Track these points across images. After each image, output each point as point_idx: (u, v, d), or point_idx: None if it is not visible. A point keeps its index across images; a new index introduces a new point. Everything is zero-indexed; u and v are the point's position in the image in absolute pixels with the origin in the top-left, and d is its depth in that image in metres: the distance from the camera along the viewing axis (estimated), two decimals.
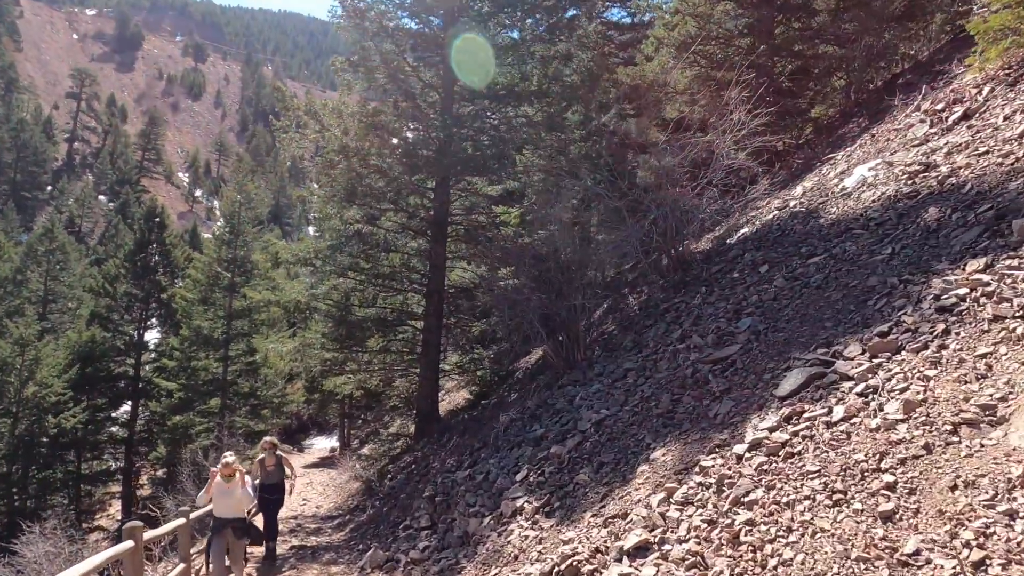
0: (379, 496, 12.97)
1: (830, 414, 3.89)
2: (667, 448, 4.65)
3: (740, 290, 6.99)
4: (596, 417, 6.27)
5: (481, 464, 8.72)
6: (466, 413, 14.45)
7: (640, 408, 5.78)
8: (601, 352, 9.21)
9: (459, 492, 8.05)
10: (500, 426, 10.14)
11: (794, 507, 3.39)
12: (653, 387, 6.02)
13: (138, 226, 30.52)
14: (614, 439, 5.59)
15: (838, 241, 6.45)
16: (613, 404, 6.42)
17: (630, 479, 4.60)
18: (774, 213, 9.70)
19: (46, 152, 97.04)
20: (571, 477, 5.41)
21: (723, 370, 5.37)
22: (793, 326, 5.19)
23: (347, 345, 15.04)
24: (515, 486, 6.23)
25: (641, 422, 5.52)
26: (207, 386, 25.15)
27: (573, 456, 5.84)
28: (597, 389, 7.45)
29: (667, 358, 6.55)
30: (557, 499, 5.12)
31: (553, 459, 6.14)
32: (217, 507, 6.95)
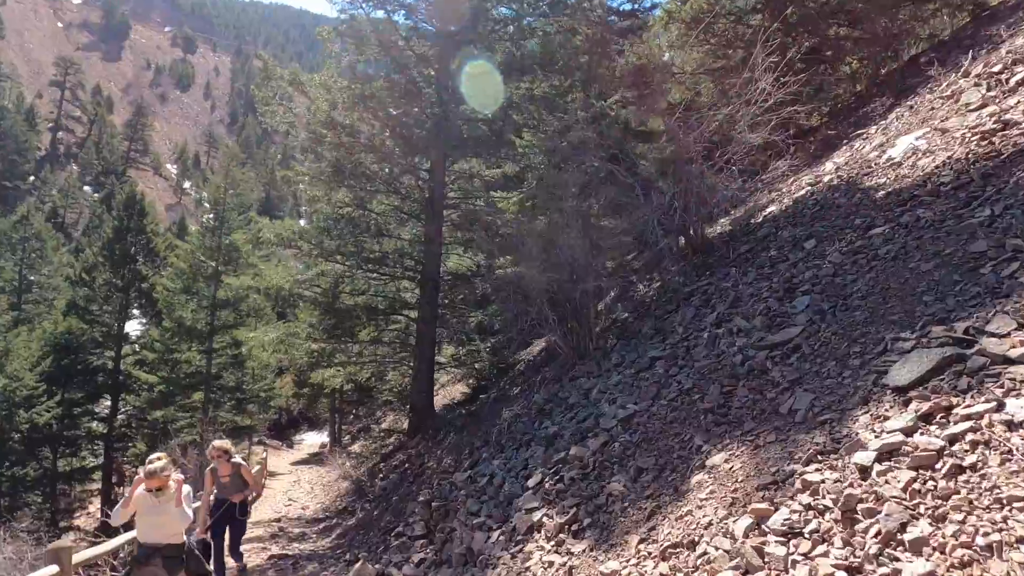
0: (369, 497, 12.02)
1: (1001, 410, 2.86)
2: (729, 452, 3.75)
3: (785, 268, 6.09)
4: (623, 413, 5.35)
5: (483, 465, 7.80)
6: (463, 408, 13.51)
7: (680, 402, 4.87)
8: (617, 341, 8.29)
9: (459, 497, 7.12)
10: (503, 422, 9.22)
11: (1002, 553, 2.42)
12: (693, 377, 5.11)
13: (117, 213, 29.24)
14: (651, 439, 4.68)
15: (903, 210, 5.56)
16: (642, 397, 5.51)
17: (684, 492, 3.70)
18: (805, 189, 8.83)
19: (28, 141, 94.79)
20: (601, 486, 4.50)
21: (784, 356, 4.48)
22: (873, 303, 4.30)
23: (336, 335, 14.04)
24: (528, 494, 5.30)
25: (684, 419, 4.61)
26: (190, 379, 24.04)
27: (599, 459, 4.92)
28: (618, 381, 6.53)
29: (704, 344, 5.64)
30: (586, 514, 4.20)
31: (573, 462, 5.22)
32: (141, 530, 4.75)
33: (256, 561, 9.18)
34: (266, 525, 12.65)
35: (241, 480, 6.89)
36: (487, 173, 16.08)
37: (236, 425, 25.29)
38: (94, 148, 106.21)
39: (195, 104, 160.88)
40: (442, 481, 8.86)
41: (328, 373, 16.26)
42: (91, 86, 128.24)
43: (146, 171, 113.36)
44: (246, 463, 7.17)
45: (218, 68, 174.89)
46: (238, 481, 6.85)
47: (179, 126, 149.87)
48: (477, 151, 14.31)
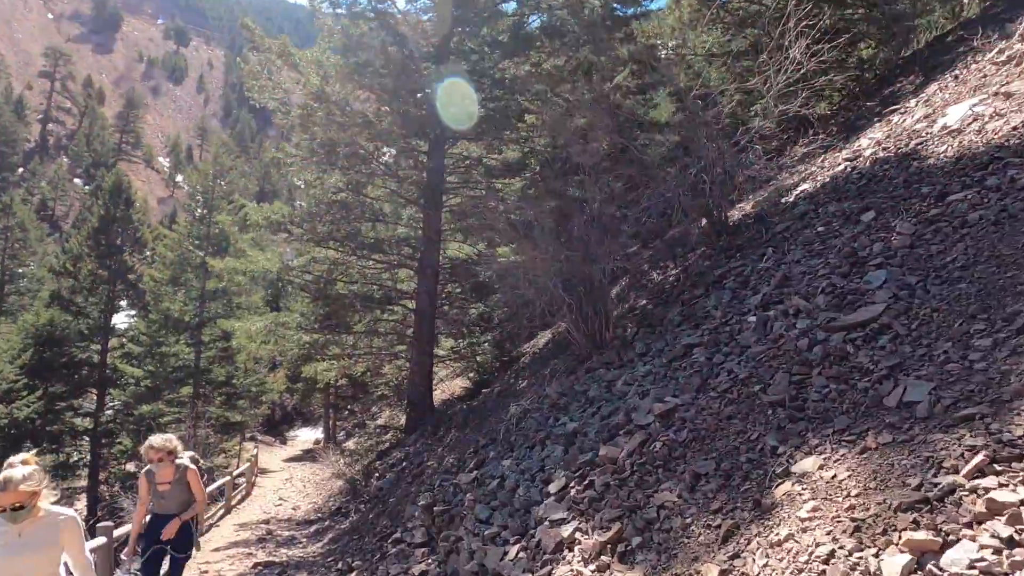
0: (364, 498, 11.24)
1: None
2: (821, 456, 2.99)
3: (841, 243, 5.33)
4: (661, 407, 4.58)
5: (491, 466, 7.02)
6: (464, 403, 12.73)
7: (736, 394, 4.11)
8: (638, 329, 7.53)
9: (465, 502, 6.35)
10: (510, 419, 8.44)
11: None
12: (747, 366, 4.34)
13: (103, 201, 28.24)
14: (703, 438, 3.91)
15: (984, 174, 4.81)
16: (683, 389, 4.74)
17: (770, 507, 2.93)
18: (843, 165, 8.10)
19: (17, 132, 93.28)
20: (646, 495, 3.73)
21: (869, 338, 3.73)
22: (982, 272, 3.56)
23: (329, 326, 13.22)
24: (551, 502, 4.52)
25: (745, 414, 3.85)
26: (177, 373, 23.16)
27: (638, 462, 4.15)
28: (647, 371, 5.77)
29: (753, 328, 4.87)
30: (634, 531, 3.43)
31: (604, 465, 4.44)
32: None
33: (240, 569, 8.39)
34: (253, 527, 11.85)
35: (186, 490, 4.86)
36: (488, 158, 15.28)
37: (227, 421, 24.46)
38: (84, 140, 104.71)
39: (188, 97, 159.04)
40: (444, 482, 8.08)
41: (321, 366, 15.46)
42: (82, 78, 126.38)
43: (138, 164, 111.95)
44: (198, 466, 5.07)
45: (211, 61, 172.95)
46: (182, 491, 4.83)
47: (172, 119, 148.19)
48: (479, 132, 13.49)
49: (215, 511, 13.24)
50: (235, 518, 13.30)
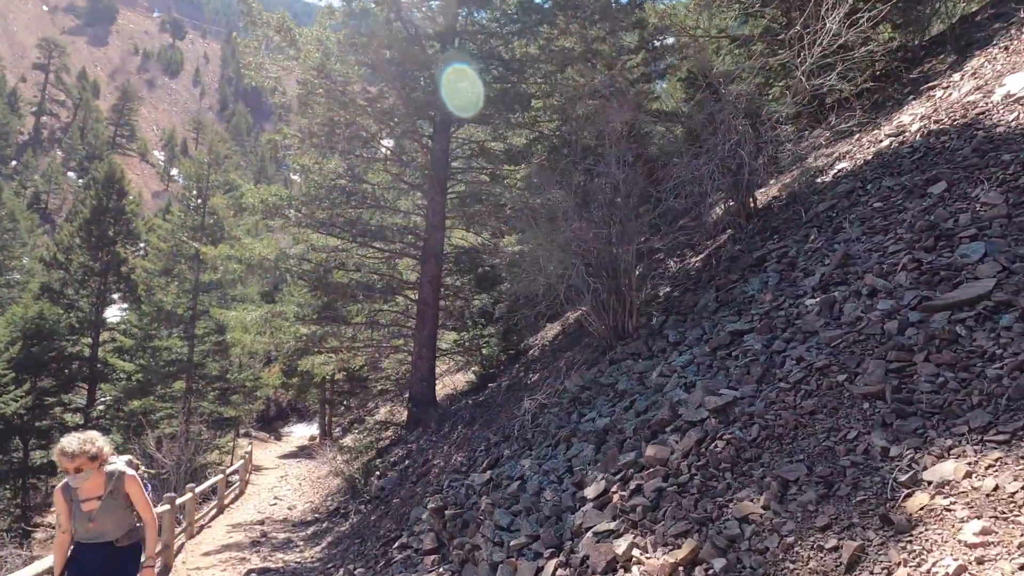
0: (365, 498, 10.62)
1: None
2: (969, 460, 2.39)
3: (911, 216, 4.74)
4: (716, 401, 3.97)
5: (507, 465, 6.41)
6: (469, 398, 12.11)
7: (815, 385, 3.52)
8: (666, 317, 6.92)
9: (481, 506, 5.73)
10: (524, 414, 7.83)
11: None
12: (822, 352, 3.75)
13: (95, 192, 27.48)
14: (779, 437, 3.32)
15: None
16: (739, 381, 4.15)
17: (906, 523, 2.33)
18: (887, 141, 7.51)
19: (10, 125, 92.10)
20: (718, 504, 3.13)
21: (983, 318, 3.14)
22: None
23: (327, 317, 12.57)
24: (589, 509, 3.92)
25: (832, 407, 3.26)
26: (170, 367, 22.45)
27: (698, 464, 3.55)
28: (687, 361, 5.16)
29: (817, 312, 4.27)
30: (714, 550, 2.82)
31: (653, 467, 3.84)
32: None
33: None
34: (247, 528, 11.22)
35: (125, 507, 3.57)
36: (493, 145, 14.65)
37: (220, 416, 23.78)
38: (79, 133, 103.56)
39: (184, 91, 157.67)
40: (454, 483, 7.46)
41: (319, 360, 14.82)
42: (76, 71, 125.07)
43: (133, 157, 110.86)
44: (137, 471, 3.77)
45: (207, 55, 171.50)
46: (118, 509, 3.54)
47: (167, 113, 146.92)
48: (485, 115, 12.84)
49: (207, 511, 12.61)
50: (228, 518, 12.67)
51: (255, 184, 14.33)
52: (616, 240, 7.13)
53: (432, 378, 13.06)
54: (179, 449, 16.03)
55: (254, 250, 10.88)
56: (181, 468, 15.74)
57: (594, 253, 6.96)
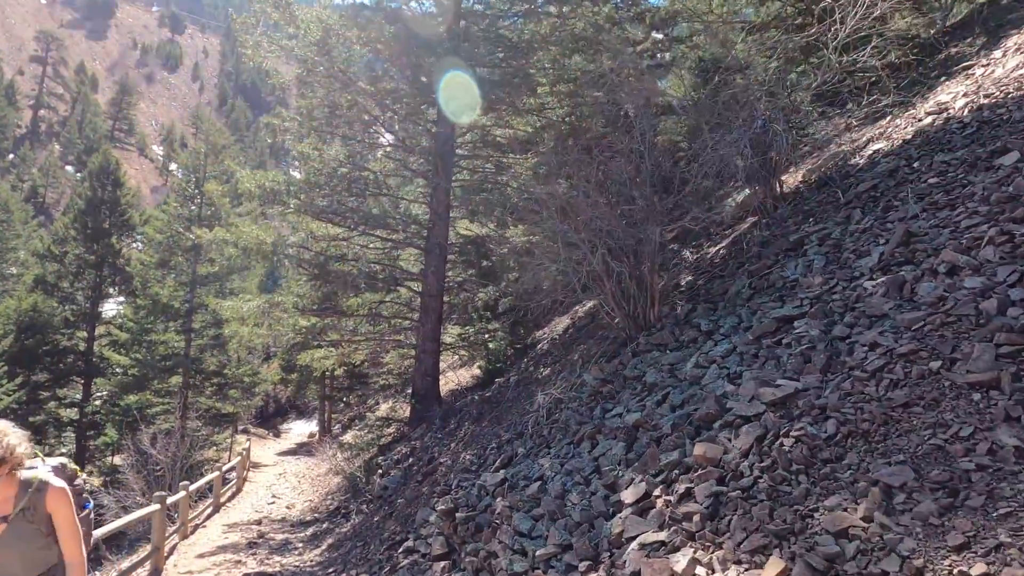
0: (367, 497, 10.14)
1: None
2: None
3: (981, 189, 4.26)
4: (774, 393, 3.50)
5: (523, 464, 5.94)
6: (475, 394, 11.63)
7: (902, 373, 3.05)
8: (693, 306, 6.45)
9: (496, 509, 5.26)
10: (538, 410, 7.36)
11: None
12: (903, 337, 3.29)
13: (90, 183, 26.94)
14: (865, 434, 2.85)
15: None
16: (798, 370, 3.68)
17: None
18: (928, 119, 7.04)
19: (7, 117, 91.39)
20: (799, 514, 2.66)
21: None
22: None
23: (327, 309, 12.07)
24: (629, 515, 3.44)
25: (932, 400, 2.79)
26: (166, 361, 21.97)
27: (761, 465, 3.07)
28: (727, 351, 4.69)
29: (884, 293, 3.80)
30: (810, 570, 2.34)
31: (704, 467, 3.36)
32: None
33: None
34: (244, 528, 10.75)
35: (40, 534, 2.47)
36: (499, 133, 14.16)
37: (217, 412, 23.32)
38: (76, 127, 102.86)
39: (183, 86, 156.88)
40: (464, 483, 6.99)
41: (318, 354, 14.33)
42: (74, 64, 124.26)
43: (131, 151, 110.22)
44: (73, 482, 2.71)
45: (207, 50, 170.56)
46: (29, 536, 2.44)
47: (166, 107, 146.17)
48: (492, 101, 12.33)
49: (202, 509, 12.15)
50: (224, 517, 12.20)
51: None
52: (640, 222, 6.64)
53: (436, 373, 12.58)
54: (175, 445, 15.56)
55: (251, 234, 10.38)
56: (177, 465, 15.28)
57: (617, 236, 6.47)
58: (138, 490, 13.98)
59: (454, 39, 11.72)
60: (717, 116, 8.29)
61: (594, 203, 6.89)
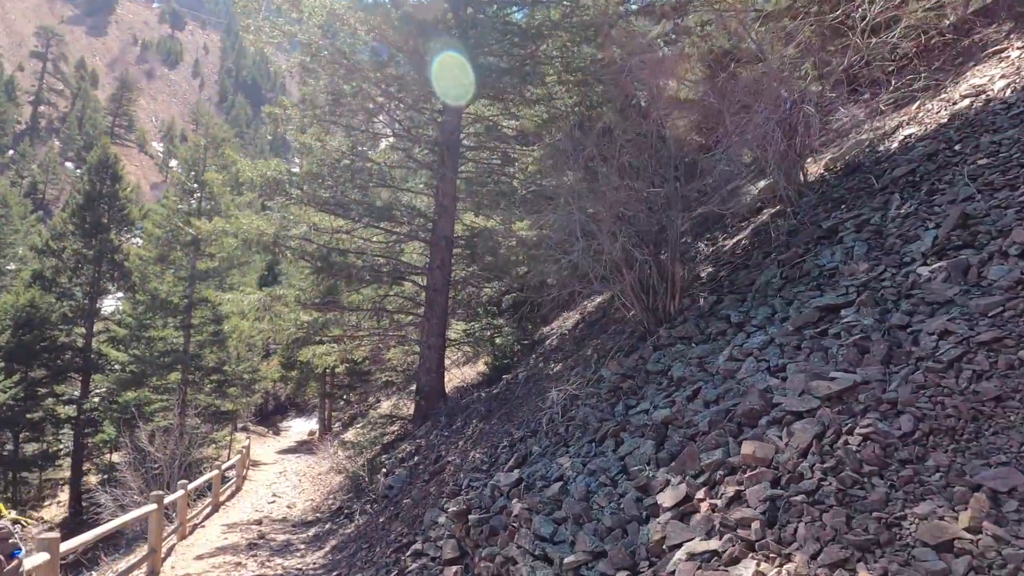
0: (371, 497, 9.82)
1: None
2: None
3: None
4: (828, 386, 3.19)
5: (540, 464, 5.62)
6: (482, 391, 11.31)
7: (988, 365, 2.74)
8: (719, 297, 6.13)
9: (513, 511, 4.93)
10: (553, 406, 7.04)
11: None
12: (978, 325, 2.98)
13: (88, 177, 26.59)
14: (947, 429, 2.54)
15: None
16: (850, 362, 3.36)
17: None
18: (965, 102, 6.73)
19: (7, 113, 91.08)
20: (884, 523, 2.34)
21: None
22: None
23: (330, 303, 11.74)
24: (669, 520, 3.13)
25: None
26: (165, 358, 21.64)
27: (824, 466, 2.75)
28: (766, 342, 4.37)
29: (944, 279, 3.48)
30: None
31: (754, 468, 3.04)
32: None
33: None
34: (244, 528, 10.43)
35: None
36: (506, 124, 13.82)
37: (217, 409, 23.01)
38: (76, 123, 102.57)
39: (183, 82, 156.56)
40: (475, 483, 6.67)
41: (320, 350, 13.99)
42: (75, 60, 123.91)
43: (131, 147, 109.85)
44: None
45: (207, 46, 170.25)
46: None
47: (166, 104, 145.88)
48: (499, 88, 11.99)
49: (201, 509, 11.83)
50: (223, 516, 11.88)
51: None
52: (663, 207, 6.32)
53: (441, 369, 12.26)
54: (173, 443, 15.24)
55: (252, 224, 10.05)
56: (175, 463, 14.96)
57: (640, 222, 6.14)
58: (136, 488, 13.67)
59: (461, 25, 11.40)
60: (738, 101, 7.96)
61: (616, 187, 6.55)
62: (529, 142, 13.61)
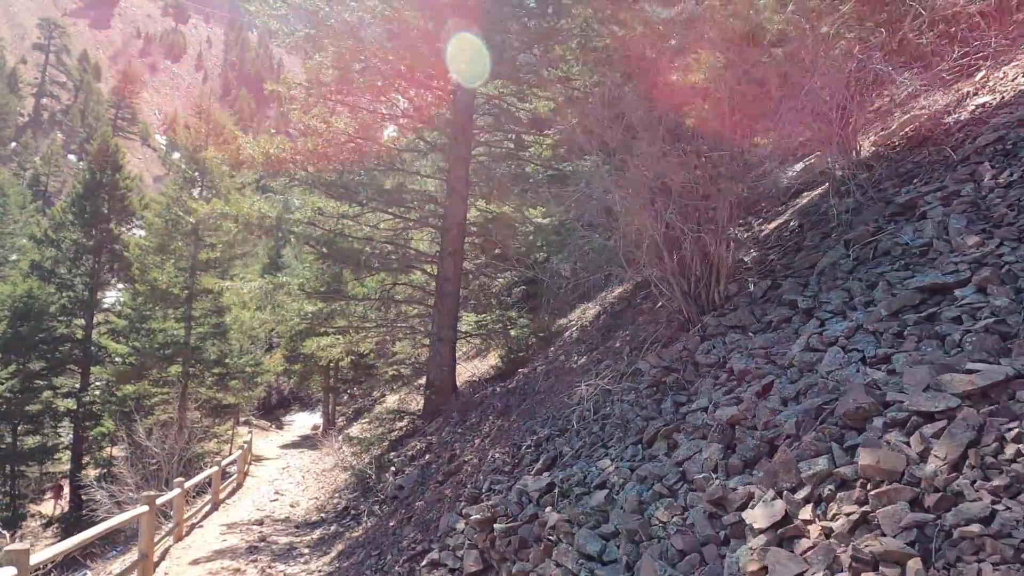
0: (379, 498, 9.21)
1: None
2: None
3: None
4: (970, 381, 2.56)
5: (576, 467, 4.99)
6: (496, 385, 10.69)
7: None
8: (773, 281, 5.49)
9: (549, 521, 4.32)
10: (582, 402, 6.41)
11: None
12: None
13: (88, 166, 26.02)
14: None
15: None
16: (988, 350, 2.74)
17: None
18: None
19: (10, 106, 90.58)
20: None
21: None
22: None
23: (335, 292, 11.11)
24: (763, 543, 2.52)
25: None
26: (165, 350, 21.06)
27: (997, 486, 2.13)
28: (849, 329, 3.73)
29: None
30: None
31: (881, 487, 2.42)
32: None
33: None
34: (244, 529, 9.85)
35: None
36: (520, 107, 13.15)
37: (218, 403, 22.45)
38: (79, 116, 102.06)
39: (186, 75, 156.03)
40: (496, 486, 6.05)
41: (324, 342, 13.39)
42: (77, 53, 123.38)
43: (134, 140, 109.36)
44: None
45: (211, 39, 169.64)
46: None
47: (169, 97, 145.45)
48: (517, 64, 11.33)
49: (200, 507, 11.26)
50: (223, 515, 11.31)
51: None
52: (707, 183, 5.66)
53: (453, 362, 11.65)
54: (172, 438, 14.68)
55: (253, 206, 9.43)
56: (174, 458, 14.40)
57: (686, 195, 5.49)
58: (132, 484, 13.12)
59: None
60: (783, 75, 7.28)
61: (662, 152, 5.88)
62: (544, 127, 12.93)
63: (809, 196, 7.57)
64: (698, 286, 6.07)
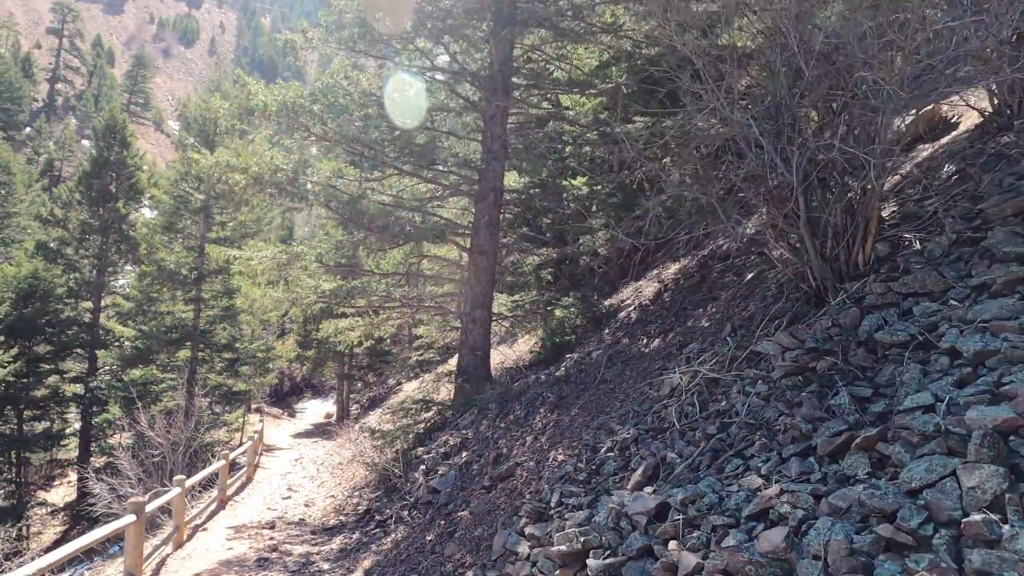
0: (408, 501, 7.94)
1: None
2: None
3: None
4: None
5: (700, 482, 3.67)
6: (539, 372, 9.37)
7: None
8: (957, 235, 4.09)
9: (670, 559, 3.00)
10: (677, 394, 5.07)
11: None
12: None
13: (95, 144, 24.91)
14: None
15: None
16: None
17: None
18: None
19: (24, 90, 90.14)
20: None
21: None
22: None
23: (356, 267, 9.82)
24: None
25: None
26: (173, 334, 19.98)
27: None
28: None
29: None
30: None
31: None
32: None
33: None
34: (254, 533, 8.64)
35: None
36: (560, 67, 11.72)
37: (228, 390, 21.38)
38: (93, 101, 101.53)
39: (199, 60, 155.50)
40: (568, 499, 4.73)
41: (343, 324, 12.12)
42: (91, 38, 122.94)
43: (147, 125, 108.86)
44: None
45: (224, 24, 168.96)
46: None
47: (182, 82, 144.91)
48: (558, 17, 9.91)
49: (206, 505, 10.10)
50: (230, 515, 10.14)
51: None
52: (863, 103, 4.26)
53: (487, 346, 10.35)
54: (178, 427, 13.55)
55: (264, 158, 8.14)
56: (180, 449, 13.25)
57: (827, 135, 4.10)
58: (133, 477, 12.00)
59: None
60: None
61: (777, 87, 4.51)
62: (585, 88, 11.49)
63: (952, 136, 6.11)
64: (836, 246, 4.69)
